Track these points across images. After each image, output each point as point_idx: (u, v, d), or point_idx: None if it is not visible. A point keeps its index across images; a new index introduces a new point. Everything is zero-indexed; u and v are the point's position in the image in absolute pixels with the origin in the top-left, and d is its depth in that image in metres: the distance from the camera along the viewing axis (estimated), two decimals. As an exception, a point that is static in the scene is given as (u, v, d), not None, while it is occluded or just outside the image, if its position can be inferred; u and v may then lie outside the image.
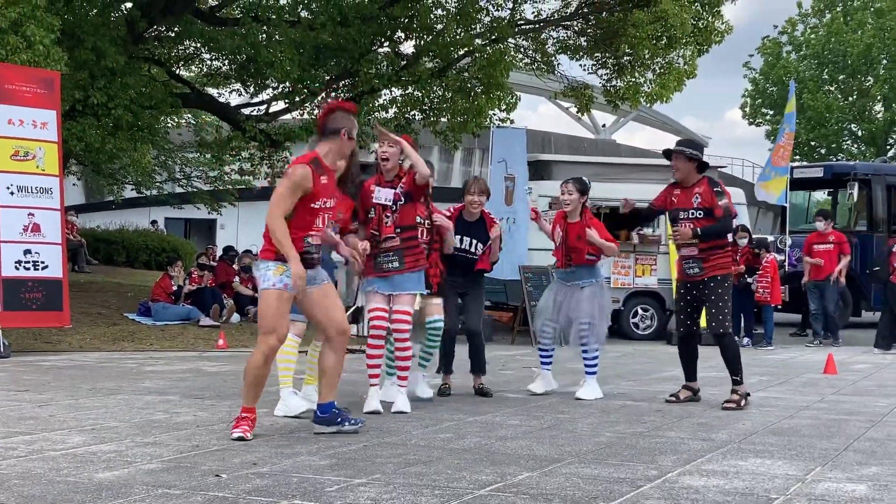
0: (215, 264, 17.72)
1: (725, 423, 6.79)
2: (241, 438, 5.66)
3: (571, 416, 6.97)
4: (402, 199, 6.97)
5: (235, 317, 15.57)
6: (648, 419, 6.96)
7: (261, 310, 5.84)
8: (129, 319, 14.63)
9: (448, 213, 7.95)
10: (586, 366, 8.18)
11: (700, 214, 7.67)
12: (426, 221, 7.43)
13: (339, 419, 5.98)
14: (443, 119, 17.99)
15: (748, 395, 7.81)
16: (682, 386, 8.11)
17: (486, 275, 8.34)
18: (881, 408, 7.82)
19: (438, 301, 7.52)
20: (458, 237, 7.92)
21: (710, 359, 11.82)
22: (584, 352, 8.17)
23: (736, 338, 14.32)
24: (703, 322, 8.09)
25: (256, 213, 38.90)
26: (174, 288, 15.54)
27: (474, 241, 8.01)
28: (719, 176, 18.09)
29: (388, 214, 6.97)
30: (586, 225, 8.12)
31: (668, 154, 7.89)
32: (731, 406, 7.57)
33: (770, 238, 17.61)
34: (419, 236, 7.22)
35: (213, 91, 19.55)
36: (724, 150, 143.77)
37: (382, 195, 6.98)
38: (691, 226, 7.66)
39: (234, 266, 17.29)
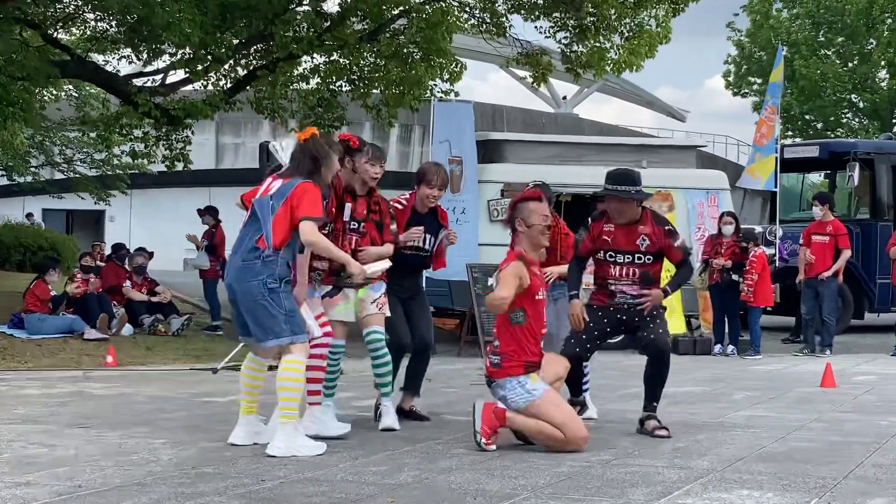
0: (102, 265, 17.47)
1: (707, 449, 6.87)
2: None
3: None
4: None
5: (128, 328, 15.36)
6: (617, 444, 7.01)
7: (556, 419, 6.72)
8: (0, 332, 14.40)
9: (402, 204, 8.01)
10: None
11: (649, 259, 7.51)
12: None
13: None
14: (375, 91, 17.94)
15: None
16: (567, 400, 8.10)
17: (428, 276, 8.40)
18: (886, 427, 7.94)
19: (376, 310, 7.51)
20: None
21: (691, 371, 11.94)
22: None
23: (719, 345, 14.77)
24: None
25: (151, 202, 38.51)
26: (52, 293, 15.26)
27: (428, 236, 8.03)
28: (698, 156, 18.31)
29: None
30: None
31: (605, 194, 7.58)
32: (664, 433, 7.34)
33: (758, 229, 17.69)
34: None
35: (98, 58, 19.27)
36: (705, 126, 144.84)
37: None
38: (639, 273, 7.52)
39: (125, 267, 17.06)
